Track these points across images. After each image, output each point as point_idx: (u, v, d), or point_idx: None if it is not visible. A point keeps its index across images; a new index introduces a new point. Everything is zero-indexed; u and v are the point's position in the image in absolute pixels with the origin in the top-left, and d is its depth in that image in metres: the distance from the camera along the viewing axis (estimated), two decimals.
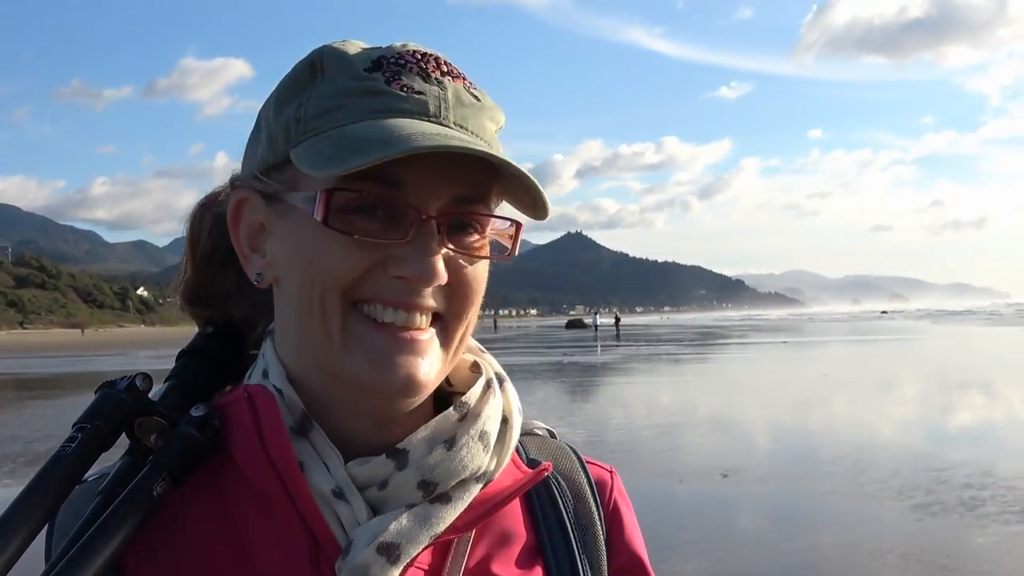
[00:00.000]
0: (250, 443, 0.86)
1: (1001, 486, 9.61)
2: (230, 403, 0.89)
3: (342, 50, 0.88)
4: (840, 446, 12.66)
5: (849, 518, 8.59)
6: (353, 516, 0.85)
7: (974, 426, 14.91)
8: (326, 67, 0.87)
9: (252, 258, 0.92)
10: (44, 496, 0.79)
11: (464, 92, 0.87)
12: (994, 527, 8.06)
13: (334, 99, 0.85)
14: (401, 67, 0.86)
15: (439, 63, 0.87)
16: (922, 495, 9.33)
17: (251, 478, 0.87)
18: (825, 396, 20.09)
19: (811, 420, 16.32)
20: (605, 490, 1.03)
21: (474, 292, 0.88)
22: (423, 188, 0.83)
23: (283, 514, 0.86)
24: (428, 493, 0.86)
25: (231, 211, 0.92)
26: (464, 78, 0.89)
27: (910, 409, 17.88)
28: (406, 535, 0.84)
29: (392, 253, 0.82)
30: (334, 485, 0.86)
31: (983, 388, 21.06)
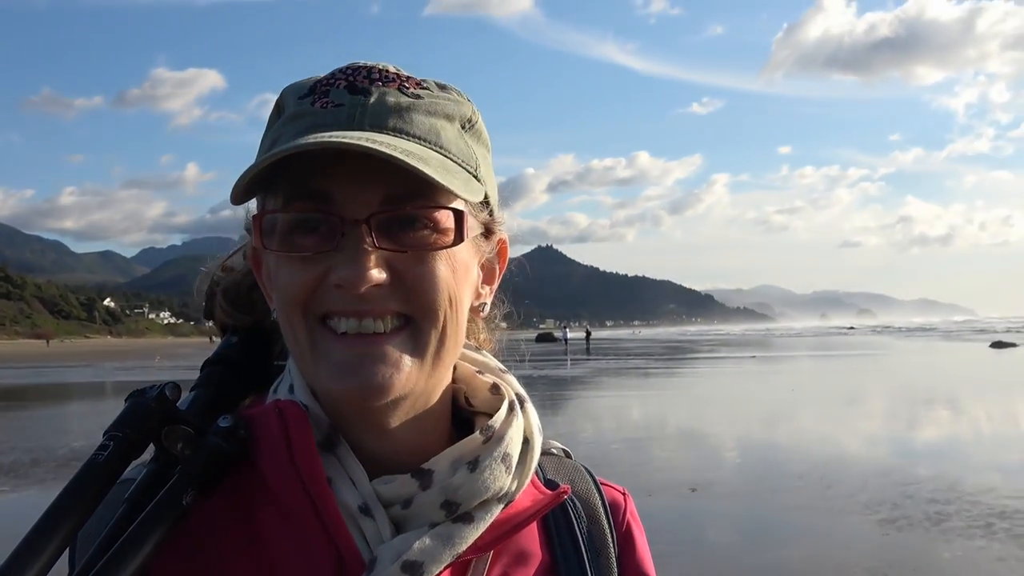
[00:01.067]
0: (279, 457, 0.87)
1: (966, 501, 9.70)
2: (258, 415, 0.91)
3: (295, 84, 0.93)
4: (807, 461, 12.72)
5: (817, 532, 8.64)
6: (378, 532, 0.87)
7: (938, 441, 15.05)
8: (283, 103, 0.92)
9: (272, 296, 0.94)
10: (79, 502, 0.80)
11: (395, 94, 0.89)
12: (959, 541, 8.13)
13: (276, 132, 0.90)
14: (330, 86, 0.90)
15: (371, 72, 0.91)
16: (888, 510, 9.40)
17: (279, 491, 0.88)
18: (793, 411, 20.21)
19: (779, 435, 16.40)
20: (618, 512, 1.06)
21: (431, 287, 0.88)
22: (349, 196, 0.85)
23: (309, 528, 0.87)
24: (451, 513, 0.88)
25: (251, 257, 0.99)
26: (403, 80, 0.91)
27: (876, 424, 18.01)
28: (429, 554, 0.86)
29: (332, 264, 0.84)
30: (360, 501, 0.88)
31: (947, 403, 21.25)
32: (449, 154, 0.89)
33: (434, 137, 0.89)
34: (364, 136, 0.83)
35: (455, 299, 0.89)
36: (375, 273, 0.84)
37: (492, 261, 1.00)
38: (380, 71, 0.91)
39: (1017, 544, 7.95)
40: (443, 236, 0.87)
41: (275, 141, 0.89)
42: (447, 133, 0.90)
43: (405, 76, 0.92)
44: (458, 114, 0.93)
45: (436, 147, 0.88)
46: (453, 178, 0.85)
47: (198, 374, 1.00)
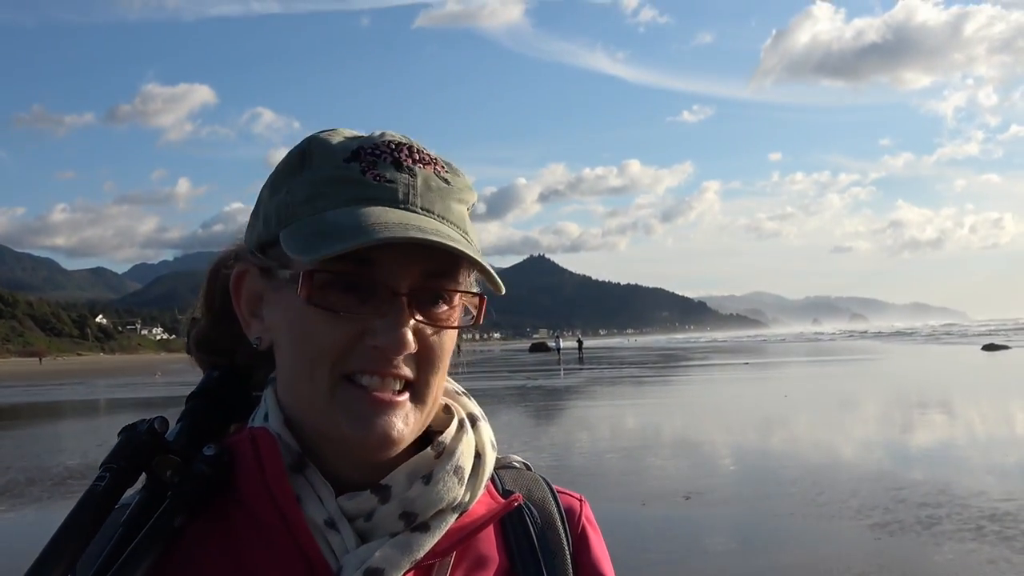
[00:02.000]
0: (253, 479, 0.97)
1: (957, 504, 9.78)
2: (237, 443, 1.01)
3: (327, 140, 0.99)
4: (800, 467, 12.80)
5: (809, 538, 8.70)
6: (343, 544, 0.97)
7: (930, 445, 15.10)
8: (314, 156, 0.99)
9: (251, 323, 1.04)
10: (82, 529, 0.90)
11: (433, 177, 0.98)
12: (950, 545, 8.20)
13: (318, 186, 0.96)
14: (376, 157, 0.97)
15: (412, 152, 0.98)
16: (880, 514, 9.47)
17: (255, 510, 0.98)
18: (786, 417, 20.26)
19: (772, 441, 16.46)
20: (573, 517, 1.14)
21: (440, 359, 0.98)
22: (394, 266, 0.93)
23: (282, 543, 0.97)
24: (409, 523, 0.98)
25: (233, 281, 1.05)
26: (436, 163, 1.00)
27: (868, 429, 18.07)
28: (389, 561, 0.95)
29: (368, 325, 0.93)
30: (327, 516, 0.97)
31: (939, 407, 21.34)
32: (471, 240, 0.99)
33: (463, 224, 0.99)
34: (423, 224, 0.92)
35: (447, 366, 1.01)
36: (412, 342, 0.94)
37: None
38: (418, 151, 0.99)
39: (1007, 546, 8.03)
40: (464, 316, 1.00)
41: (315, 197, 0.96)
42: (466, 219, 1.01)
43: (435, 157, 1.01)
44: (470, 200, 1.03)
45: (465, 233, 0.98)
46: (490, 268, 0.95)
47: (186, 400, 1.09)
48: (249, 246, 1.03)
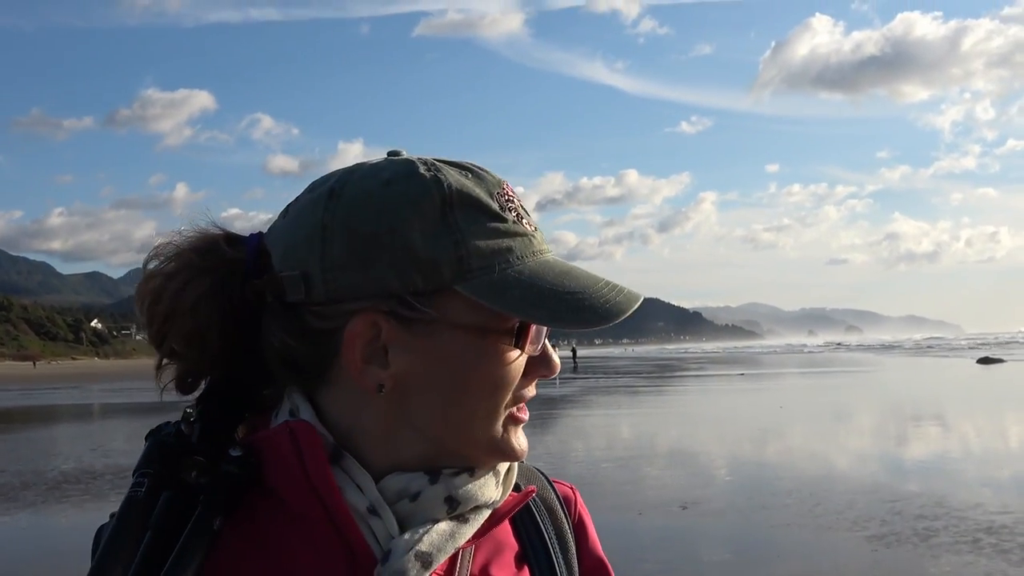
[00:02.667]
0: (292, 471, 0.98)
1: (953, 516, 9.79)
2: (269, 437, 1.01)
3: (464, 186, 0.99)
4: (797, 478, 12.81)
5: (806, 549, 8.71)
6: (386, 530, 0.98)
7: (926, 457, 15.13)
8: (456, 204, 0.97)
9: (368, 370, 0.98)
10: (130, 536, 0.92)
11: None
12: (947, 557, 8.21)
13: (493, 240, 0.98)
14: (508, 203, 1.02)
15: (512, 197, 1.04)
16: (877, 526, 9.47)
17: (292, 502, 0.99)
18: (781, 428, 20.28)
19: (768, 452, 16.48)
20: (571, 505, 1.22)
21: None
22: None
23: (321, 534, 0.98)
24: (451, 509, 1.01)
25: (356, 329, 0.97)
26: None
27: (865, 441, 18.11)
28: (437, 546, 0.98)
29: (531, 360, 1.04)
30: (368, 503, 0.99)
31: (935, 420, 21.36)
32: None
33: None
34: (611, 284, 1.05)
35: None
36: None
37: None
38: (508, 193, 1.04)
39: (1004, 559, 8.04)
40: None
41: (506, 250, 0.99)
42: None
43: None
44: None
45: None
46: None
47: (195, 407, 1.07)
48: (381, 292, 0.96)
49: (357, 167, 1.02)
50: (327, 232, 0.96)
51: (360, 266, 0.96)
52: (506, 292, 0.96)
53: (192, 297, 1.02)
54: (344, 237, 0.96)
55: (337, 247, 0.96)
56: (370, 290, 0.97)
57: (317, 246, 0.96)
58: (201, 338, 1.03)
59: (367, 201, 0.97)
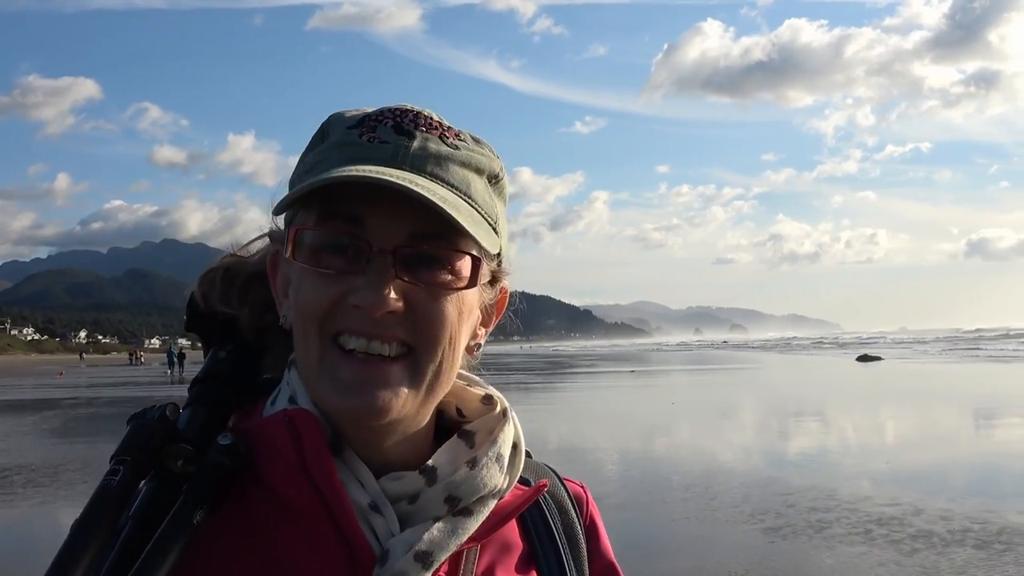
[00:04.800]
0: (289, 463, 0.93)
1: (845, 508, 10.04)
2: (264, 426, 0.96)
3: (342, 114, 1.01)
4: (692, 472, 13.00)
5: (705, 542, 8.82)
6: (387, 527, 0.94)
7: (815, 452, 15.51)
8: (328, 131, 1.00)
9: (282, 303, 1.02)
10: (98, 527, 0.83)
11: (436, 142, 0.97)
12: (841, 547, 8.41)
13: (319, 155, 0.97)
14: (378, 122, 0.97)
15: (418, 118, 0.98)
16: (773, 518, 9.66)
17: (288, 497, 0.94)
18: (675, 424, 20.61)
19: (663, 447, 16.71)
20: (582, 504, 1.17)
21: (437, 324, 0.95)
22: (380, 226, 0.91)
23: (319, 529, 0.93)
24: (453, 507, 0.96)
25: (269, 262, 1.05)
26: (446, 130, 0.99)
27: (756, 436, 18.52)
28: (437, 544, 0.93)
29: (352, 285, 0.91)
30: (370, 499, 0.94)
31: (821, 416, 22.01)
32: (476, 205, 0.97)
33: (465, 187, 0.96)
34: (405, 176, 0.90)
35: (455, 338, 0.97)
36: (393, 300, 0.91)
37: (492, 307, 1.08)
38: (425, 118, 0.98)
39: (896, 549, 8.27)
40: (458, 279, 0.95)
41: (317, 163, 0.96)
42: (476, 185, 0.98)
43: (447, 126, 1.00)
44: (488, 169, 1.01)
45: (466, 197, 0.96)
46: (478, 228, 0.93)
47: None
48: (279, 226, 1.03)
49: None
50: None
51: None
52: (279, 203, 0.93)
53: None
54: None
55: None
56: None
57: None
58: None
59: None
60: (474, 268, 0.96)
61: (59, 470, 13.97)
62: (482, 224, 0.95)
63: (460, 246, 0.94)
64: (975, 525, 9.06)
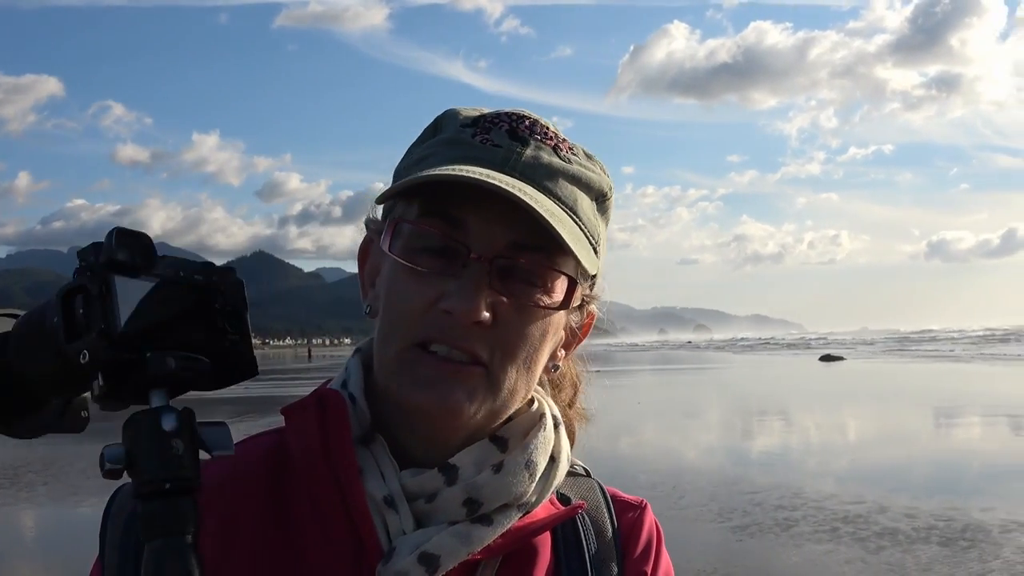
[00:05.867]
0: (312, 446, 0.91)
1: (811, 507, 10.10)
2: (299, 407, 0.95)
3: (460, 109, 0.98)
4: (659, 472, 13.02)
5: (674, 541, 8.69)
6: (399, 525, 0.90)
7: (781, 451, 15.63)
8: (442, 125, 0.97)
9: (368, 292, 1.00)
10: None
11: (549, 152, 0.94)
12: (808, 545, 8.46)
13: (428, 148, 0.95)
14: (493, 124, 0.94)
15: (534, 126, 0.95)
16: (740, 517, 9.70)
17: (308, 479, 0.92)
18: (641, 423, 20.63)
19: (629, 447, 16.71)
20: (626, 525, 1.09)
21: (519, 342, 0.91)
22: (481, 230, 0.88)
23: (334, 516, 0.91)
24: (472, 512, 0.91)
25: (360, 249, 1.03)
26: (561, 142, 0.96)
27: (721, 435, 18.60)
28: (446, 549, 0.88)
29: (445, 288, 0.87)
30: (387, 493, 0.90)
31: (785, 415, 22.14)
32: (581, 223, 0.93)
33: (572, 203, 0.93)
34: (515, 184, 0.87)
35: (534, 359, 0.94)
36: (483, 311, 0.87)
37: (578, 328, 1.05)
38: (542, 127, 0.96)
39: (862, 547, 8.32)
40: (551, 299, 0.92)
41: (426, 157, 0.94)
42: (583, 203, 0.95)
43: (562, 138, 0.97)
44: (597, 187, 0.98)
45: (572, 213, 0.93)
46: (580, 246, 0.90)
47: None
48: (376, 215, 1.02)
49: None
50: None
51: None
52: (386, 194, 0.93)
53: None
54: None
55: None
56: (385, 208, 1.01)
57: None
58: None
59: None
60: (569, 290, 0.94)
61: (19, 472, 13.74)
62: (584, 243, 0.92)
63: (559, 264, 0.92)
64: (940, 522, 9.14)
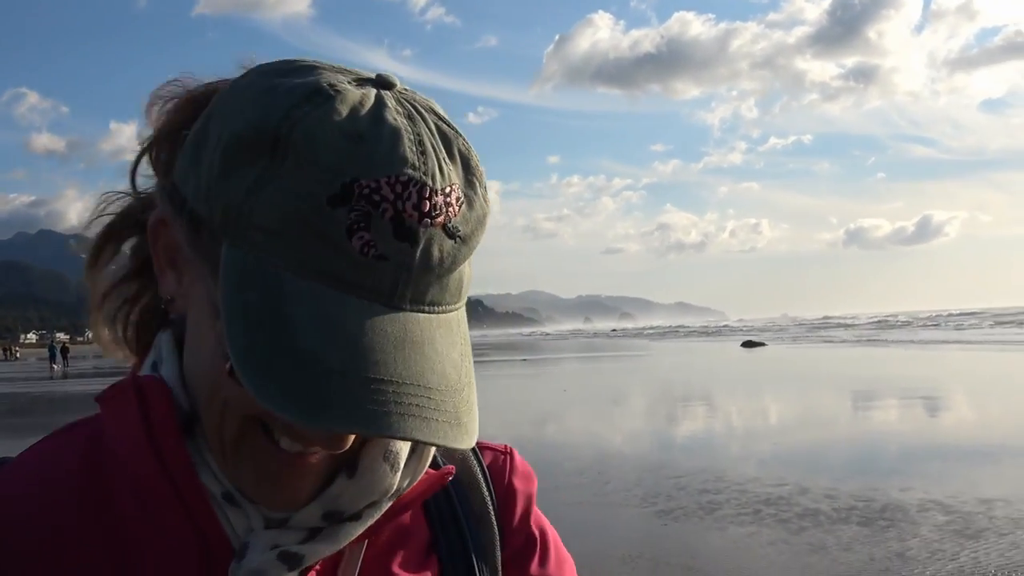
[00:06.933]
0: (137, 437, 0.77)
1: (734, 490, 10.20)
2: (113, 396, 0.80)
3: (316, 132, 0.68)
4: (585, 458, 13.05)
5: (600, 526, 8.84)
6: (247, 522, 0.78)
7: (703, 435, 15.80)
8: (293, 150, 0.68)
9: (167, 273, 0.80)
10: None
11: (440, 239, 0.71)
12: (731, 528, 8.53)
13: (284, 221, 0.68)
14: (374, 206, 0.67)
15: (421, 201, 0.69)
16: (664, 501, 9.75)
17: (135, 473, 0.78)
18: (567, 410, 20.72)
19: (556, 434, 16.77)
20: (500, 474, 1.01)
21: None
22: None
23: (170, 512, 0.78)
24: (331, 522, 0.80)
25: (153, 225, 0.80)
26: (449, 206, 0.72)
27: (646, 420, 18.75)
28: (310, 547, 0.78)
29: None
30: (224, 489, 0.78)
31: (708, 400, 22.40)
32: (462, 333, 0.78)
33: (458, 296, 0.77)
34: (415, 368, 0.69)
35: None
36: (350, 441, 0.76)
37: None
38: (431, 198, 0.70)
39: (784, 528, 8.42)
40: None
41: (277, 235, 0.68)
42: (466, 280, 0.78)
43: (449, 192, 0.72)
44: (480, 238, 0.78)
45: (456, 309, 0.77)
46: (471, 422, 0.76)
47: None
48: (183, 194, 0.76)
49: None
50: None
51: (184, 166, 0.77)
52: (242, 290, 0.68)
53: None
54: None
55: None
56: (178, 180, 0.77)
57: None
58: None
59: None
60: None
61: None
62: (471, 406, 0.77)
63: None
64: (859, 503, 9.29)
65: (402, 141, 0.70)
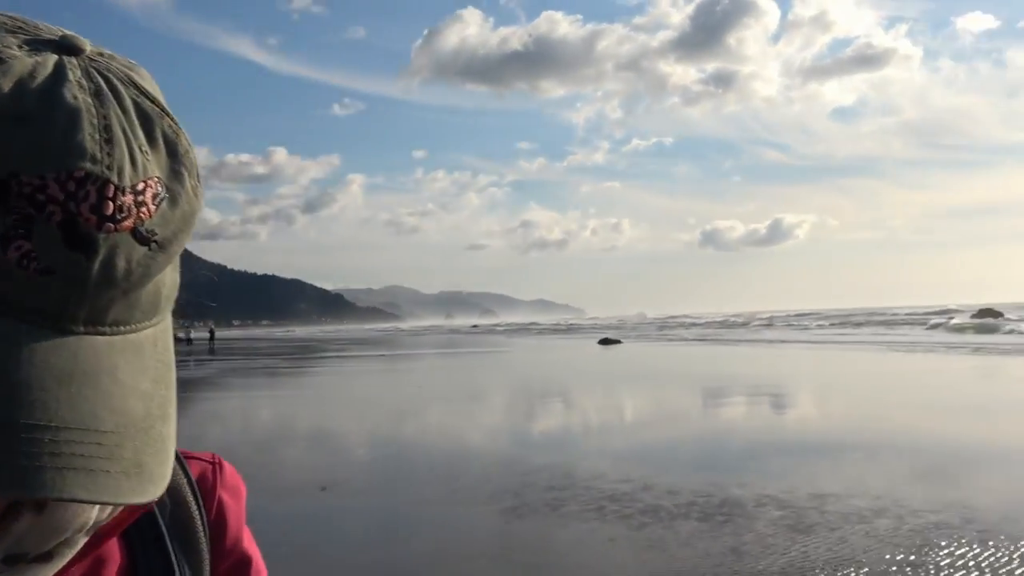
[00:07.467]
0: None
1: (580, 487, 10.30)
2: None
3: None
4: (436, 455, 13.03)
5: (445, 524, 8.79)
6: None
7: (555, 431, 15.98)
8: None
9: None
10: None
11: (127, 244, 0.58)
12: (575, 525, 8.60)
13: None
14: (38, 209, 0.54)
15: (102, 200, 0.56)
16: (511, 498, 9.77)
17: None
18: (420, 407, 20.63)
19: (408, 431, 16.67)
20: (206, 487, 0.92)
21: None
22: None
23: None
24: (16, 563, 0.67)
25: None
26: (140, 205, 0.59)
27: (499, 417, 18.80)
28: None
29: None
30: None
31: (561, 396, 22.67)
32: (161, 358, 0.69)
33: (153, 312, 0.66)
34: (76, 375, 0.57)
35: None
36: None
37: None
38: (115, 199, 0.57)
39: (626, 524, 8.54)
40: None
41: None
42: (169, 284, 0.69)
43: (143, 189, 0.60)
44: (189, 234, 0.68)
45: (151, 327, 0.66)
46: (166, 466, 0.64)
47: None
48: None
49: None
50: None
51: None
52: None
53: None
54: None
55: None
56: None
57: None
58: None
59: None
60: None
61: None
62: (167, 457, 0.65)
63: None
64: (700, 499, 9.51)
65: (80, 126, 0.56)
